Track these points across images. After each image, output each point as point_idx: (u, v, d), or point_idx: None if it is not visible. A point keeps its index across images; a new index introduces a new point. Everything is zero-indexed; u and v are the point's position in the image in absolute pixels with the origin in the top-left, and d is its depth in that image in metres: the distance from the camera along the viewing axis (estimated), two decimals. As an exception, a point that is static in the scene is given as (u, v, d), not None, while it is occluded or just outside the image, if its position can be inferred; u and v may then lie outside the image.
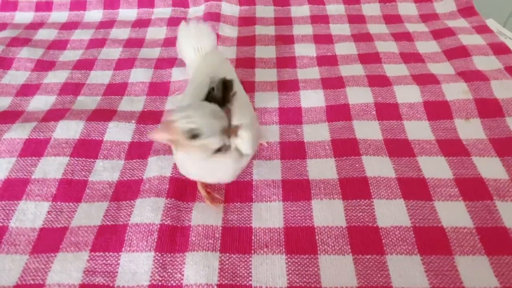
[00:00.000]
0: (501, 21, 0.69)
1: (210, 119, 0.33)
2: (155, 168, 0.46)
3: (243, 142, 0.35)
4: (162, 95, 0.58)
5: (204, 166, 0.36)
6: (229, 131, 0.35)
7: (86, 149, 0.49)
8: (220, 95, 0.38)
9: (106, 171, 0.47)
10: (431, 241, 0.38)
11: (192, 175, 0.40)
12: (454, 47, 0.62)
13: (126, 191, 0.44)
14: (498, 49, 0.61)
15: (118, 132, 0.51)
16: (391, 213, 0.41)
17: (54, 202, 0.43)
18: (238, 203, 0.43)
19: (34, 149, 0.48)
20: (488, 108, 0.51)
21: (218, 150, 0.35)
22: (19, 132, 0.50)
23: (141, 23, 0.74)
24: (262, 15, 0.75)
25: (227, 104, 0.37)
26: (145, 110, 0.55)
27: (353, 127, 0.50)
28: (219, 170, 0.37)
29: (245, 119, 0.37)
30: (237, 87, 0.41)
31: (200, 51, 0.49)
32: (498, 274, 0.36)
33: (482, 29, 0.66)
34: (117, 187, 0.45)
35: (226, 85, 0.39)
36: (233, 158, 0.36)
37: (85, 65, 0.64)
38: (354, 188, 0.43)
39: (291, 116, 0.53)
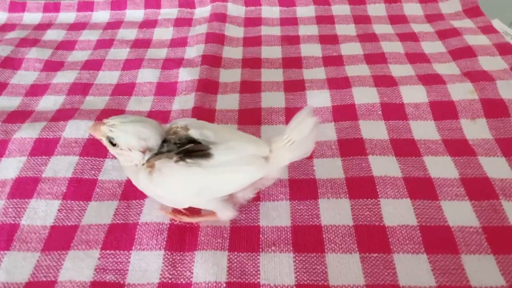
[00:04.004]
0: (507, 22, 0.69)
1: (131, 136, 0.34)
2: (164, 168, 0.46)
3: (139, 176, 0.36)
4: (169, 95, 0.58)
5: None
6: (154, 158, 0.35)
7: (95, 148, 0.49)
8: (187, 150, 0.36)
9: (115, 170, 0.47)
10: (438, 240, 0.39)
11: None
12: (459, 48, 0.63)
13: (135, 190, 0.44)
14: (504, 49, 0.61)
15: (127, 132, 0.51)
16: (397, 212, 0.41)
17: (64, 201, 0.44)
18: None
19: (44, 148, 0.49)
20: (494, 108, 0.51)
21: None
22: (29, 132, 0.51)
23: (148, 24, 0.75)
24: (268, 16, 0.75)
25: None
26: (153, 110, 0.56)
27: (359, 127, 0.50)
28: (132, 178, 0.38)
29: (159, 173, 0.35)
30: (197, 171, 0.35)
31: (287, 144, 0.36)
32: (505, 273, 0.36)
33: (488, 30, 0.66)
34: (126, 186, 0.45)
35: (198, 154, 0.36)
36: (139, 175, 0.36)
37: (93, 65, 0.64)
38: (361, 188, 0.44)
39: (297, 116, 0.53)
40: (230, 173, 0.36)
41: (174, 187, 0.36)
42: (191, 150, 0.35)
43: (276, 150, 0.36)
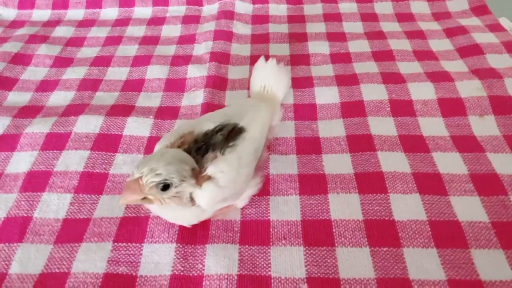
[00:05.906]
0: (514, 20, 0.69)
1: (176, 165, 0.31)
2: (174, 162, 0.47)
3: (202, 195, 0.34)
4: (178, 91, 0.59)
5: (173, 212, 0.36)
6: (198, 176, 0.34)
7: (106, 143, 0.50)
8: (221, 140, 0.37)
9: (126, 164, 0.48)
10: (447, 235, 0.39)
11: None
12: (467, 45, 0.63)
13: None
14: (511, 47, 0.61)
15: (137, 127, 0.52)
16: (407, 207, 0.41)
17: (76, 194, 0.44)
18: (256, 196, 0.43)
19: (55, 142, 0.50)
20: (502, 105, 0.51)
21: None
22: (40, 126, 0.51)
23: (156, 21, 0.75)
24: (275, 13, 0.75)
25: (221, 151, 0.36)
26: (162, 106, 0.56)
27: (368, 123, 0.51)
28: (183, 216, 0.37)
29: (223, 173, 0.35)
30: (247, 143, 0.38)
31: (266, 91, 0.46)
32: (514, 267, 0.36)
33: (495, 27, 0.66)
34: (137, 180, 0.46)
35: (235, 133, 0.38)
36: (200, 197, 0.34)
37: (102, 61, 0.65)
38: (370, 183, 0.44)
39: (306, 112, 0.53)
40: (261, 125, 0.41)
41: (242, 170, 0.37)
42: (225, 137, 0.37)
43: (266, 97, 0.44)
